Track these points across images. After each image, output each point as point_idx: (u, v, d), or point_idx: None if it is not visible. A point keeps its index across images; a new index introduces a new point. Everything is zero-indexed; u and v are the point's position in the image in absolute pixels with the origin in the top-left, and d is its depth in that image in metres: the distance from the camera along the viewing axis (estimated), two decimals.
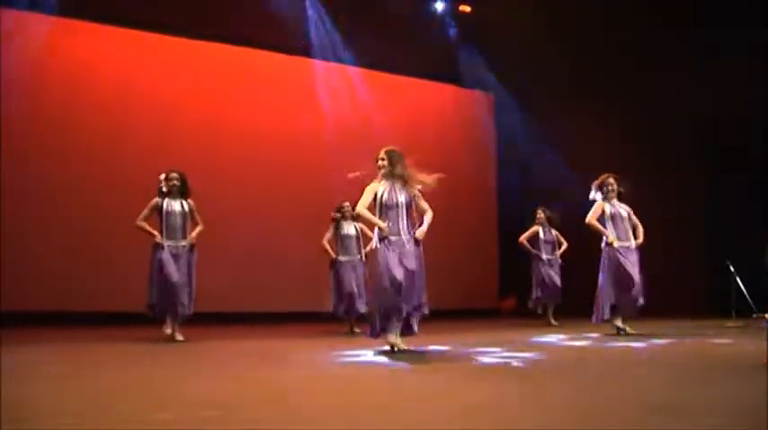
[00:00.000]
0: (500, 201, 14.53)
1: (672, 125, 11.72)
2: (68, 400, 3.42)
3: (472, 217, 13.86)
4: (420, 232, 5.64)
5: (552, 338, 7.26)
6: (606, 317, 7.49)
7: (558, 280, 9.92)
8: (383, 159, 5.74)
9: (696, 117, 11.37)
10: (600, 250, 7.65)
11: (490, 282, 14.09)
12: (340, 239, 8.71)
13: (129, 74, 10.97)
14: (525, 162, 13.61)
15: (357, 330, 8.28)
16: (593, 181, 7.78)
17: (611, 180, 7.64)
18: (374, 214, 5.67)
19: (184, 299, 7.04)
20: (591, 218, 7.55)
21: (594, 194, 7.66)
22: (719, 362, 4.74)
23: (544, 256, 9.96)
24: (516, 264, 11.15)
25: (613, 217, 7.55)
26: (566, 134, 12.66)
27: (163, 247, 7.04)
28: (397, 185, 5.69)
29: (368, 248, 7.88)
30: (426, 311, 5.67)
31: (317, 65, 12.51)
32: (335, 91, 12.60)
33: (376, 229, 5.71)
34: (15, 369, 4.50)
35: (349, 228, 8.72)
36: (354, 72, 12.86)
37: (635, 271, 7.37)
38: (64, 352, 6.09)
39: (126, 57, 11.01)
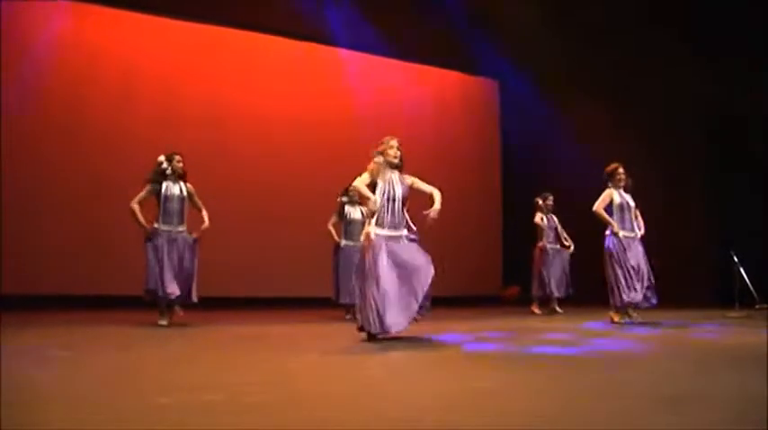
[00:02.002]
0: (504, 189, 14.50)
1: (675, 118, 11.71)
2: (68, 384, 3.42)
3: (476, 205, 13.84)
4: (434, 211, 5.50)
5: (555, 327, 7.25)
6: (621, 304, 7.46)
7: (567, 268, 9.90)
8: (399, 149, 5.64)
9: (699, 111, 11.39)
10: (603, 238, 7.62)
11: (494, 269, 14.08)
12: (345, 224, 8.67)
13: (134, 57, 10.95)
14: (530, 150, 13.58)
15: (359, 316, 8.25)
16: (599, 170, 7.75)
17: (621, 170, 7.60)
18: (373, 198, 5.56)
19: (183, 285, 6.92)
20: (598, 206, 7.51)
21: (606, 183, 7.62)
22: (721, 354, 4.72)
23: (549, 246, 9.92)
24: (520, 252, 11.13)
25: (621, 206, 7.52)
26: (569, 127, 12.63)
27: (159, 233, 6.91)
28: (396, 176, 5.60)
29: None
30: (419, 314, 5.55)
31: (320, 50, 12.45)
32: (339, 76, 12.54)
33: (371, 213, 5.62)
34: (16, 352, 4.50)
35: (355, 213, 8.63)
36: (358, 57, 12.80)
37: (640, 265, 7.35)
38: (64, 335, 6.09)
39: (132, 40, 10.99)
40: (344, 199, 8.63)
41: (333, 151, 11.76)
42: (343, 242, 8.61)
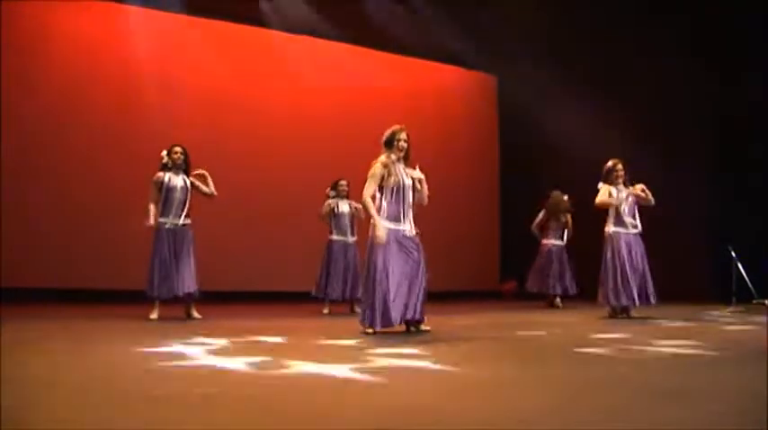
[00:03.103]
0: (502, 185, 14.50)
1: (675, 118, 11.71)
2: (68, 374, 3.42)
3: (474, 200, 13.84)
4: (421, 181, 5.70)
5: (555, 321, 7.25)
6: (608, 303, 7.50)
7: (567, 266, 9.91)
8: (406, 141, 5.70)
9: (699, 111, 11.42)
10: (603, 236, 7.64)
11: (491, 264, 14.10)
12: (334, 217, 8.67)
13: (134, 53, 10.89)
14: (529, 147, 13.57)
15: (358, 310, 8.23)
16: (598, 168, 7.77)
17: (620, 166, 7.61)
18: (383, 196, 5.64)
19: (183, 278, 7.00)
20: (599, 199, 7.52)
21: (602, 180, 7.63)
22: (719, 349, 4.72)
23: (555, 243, 9.93)
24: (518, 248, 11.13)
25: (619, 202, 7.54)
26: (568, 124, 12.63)
27: (162, 226, 7.03)
28: (402, 167, 5.71)
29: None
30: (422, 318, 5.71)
31: (318, 43, 12.40)
32: (337, 70, 12.48)
33: (378, 208, 5.67)
34: (16, 344, 4.50)
35: (343, 207, 8.67)
36: (356, 51, 12.76)
37: (637, 264, 7.36)
38: (64, 328, 6.09)
39: (131, 35, 10.94)
40: (332, 193, 8.66)
41: (331, 147, 11.74)
42: (333, 236, 8.63)
